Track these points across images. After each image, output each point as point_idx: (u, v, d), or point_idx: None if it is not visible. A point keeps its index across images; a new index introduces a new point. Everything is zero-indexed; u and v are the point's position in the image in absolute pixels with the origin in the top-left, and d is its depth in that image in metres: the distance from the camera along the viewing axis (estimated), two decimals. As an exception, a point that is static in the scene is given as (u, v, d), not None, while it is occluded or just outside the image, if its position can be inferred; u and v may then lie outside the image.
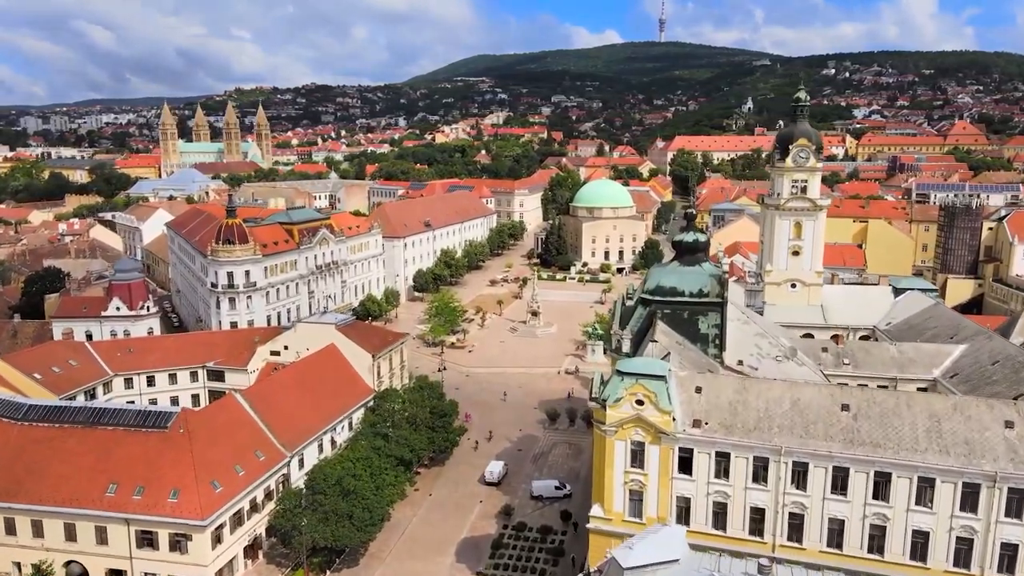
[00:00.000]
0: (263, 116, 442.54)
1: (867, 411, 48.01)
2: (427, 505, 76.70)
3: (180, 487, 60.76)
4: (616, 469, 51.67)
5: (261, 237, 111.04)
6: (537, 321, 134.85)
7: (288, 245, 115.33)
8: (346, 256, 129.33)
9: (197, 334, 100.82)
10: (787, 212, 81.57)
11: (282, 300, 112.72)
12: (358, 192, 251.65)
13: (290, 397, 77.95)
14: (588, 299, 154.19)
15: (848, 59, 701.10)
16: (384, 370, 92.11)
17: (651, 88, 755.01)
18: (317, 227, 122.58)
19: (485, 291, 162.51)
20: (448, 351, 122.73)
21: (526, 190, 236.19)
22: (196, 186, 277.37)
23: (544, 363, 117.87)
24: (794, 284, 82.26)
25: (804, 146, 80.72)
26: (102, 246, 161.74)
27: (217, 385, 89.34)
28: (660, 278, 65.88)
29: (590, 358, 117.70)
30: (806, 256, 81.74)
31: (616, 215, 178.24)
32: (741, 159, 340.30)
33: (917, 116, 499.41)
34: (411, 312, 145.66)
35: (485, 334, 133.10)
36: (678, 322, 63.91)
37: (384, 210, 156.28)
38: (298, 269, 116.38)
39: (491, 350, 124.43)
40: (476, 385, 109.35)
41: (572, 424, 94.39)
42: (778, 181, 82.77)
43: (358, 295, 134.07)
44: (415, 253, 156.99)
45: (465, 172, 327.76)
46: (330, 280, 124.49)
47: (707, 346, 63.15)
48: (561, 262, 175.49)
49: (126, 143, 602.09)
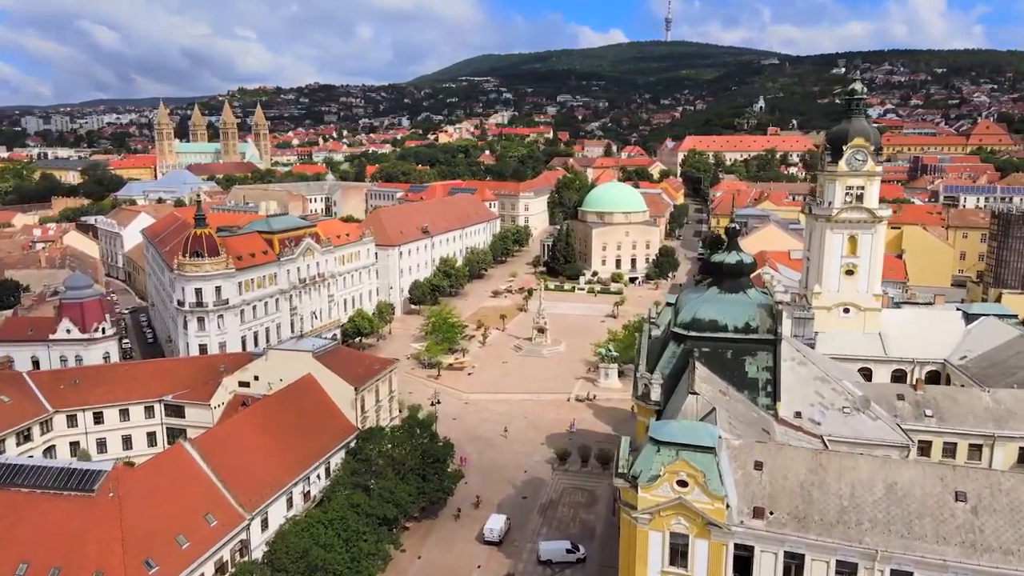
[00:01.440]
0: (261, 116, 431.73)
1: (991, 502, 35.94)
2: (414, 571, 64.79)
3: (104, 568, 48.95)
4: (650, 568, 39.63)
5: (236, 248, 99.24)
6: (544, 338, 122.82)
7: (267, 257, 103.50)
8: (334, 267, 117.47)
9: (156, 362, 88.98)
10: (840, 224, 69.22)
11: (259, 319, 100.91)
12: (355, 195, 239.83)
13: (254, 442, 66.16)
14: (599, 312, 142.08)
15: (858, 57, 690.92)
16: (370, 403, 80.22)
17: (657, 88, 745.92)
18: (301, 236, 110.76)
19: (487, 303, 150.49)
20: (445, 373, 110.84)
21: (531, 192, 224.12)
22: (187, 188, 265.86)
23: (552, 388, 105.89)
24: (847, 309, 70.00)
25: (861, 147, 68.34)
26: (76, 254, 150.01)
27: (176, 422, 77.53)
28: (697, 309, 53.74)
29: (603, 382, 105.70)
30: (862, 276, 69.41)
31: (628, 220, 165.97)
32: (755, 160, 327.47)
33: (933, 115, 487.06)
34: (406, 327, 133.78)
35: (487, 353, 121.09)
36: (720, 363, 51.92)
37: (378, 216, 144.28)
38: (278, 283, 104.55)
39: (493, 372, 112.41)
40: (475, 415, 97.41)
41: (584, 465, 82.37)
42: (829, 187, 70.38)
43: (347, 310, 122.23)
44: (411, 262, 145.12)
45: (468, 173, 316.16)
46: (315, 294, 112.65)
47: (756, 393, 51.07)
48: (569, 271, 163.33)
49: (125, 143, 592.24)
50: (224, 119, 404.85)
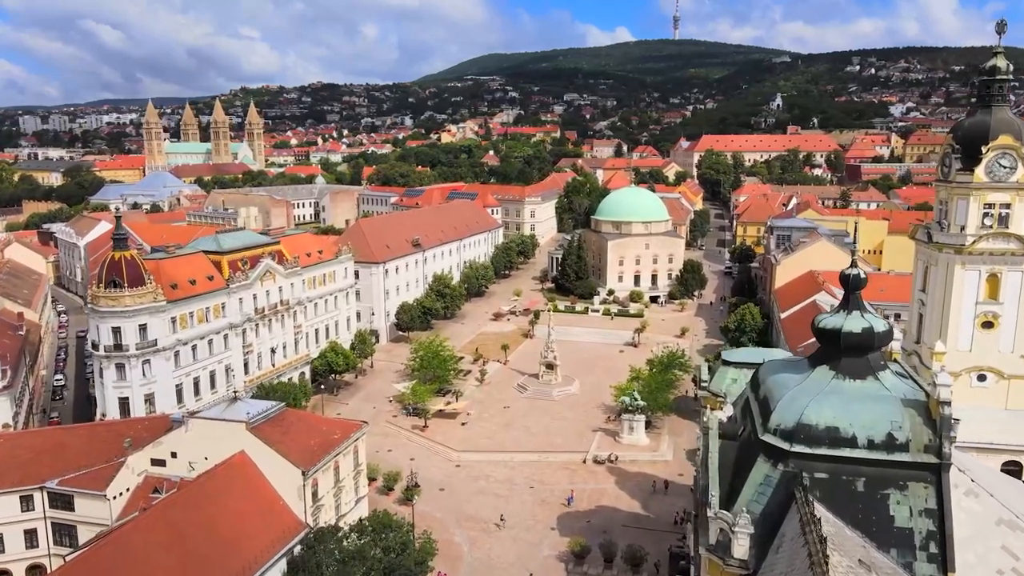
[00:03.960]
0: (255, 114, 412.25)
1: None
2: None
3: None
4: None
5: (171, 274, 79.71)
6: (553, 376, 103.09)
7: (213, 283, 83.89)
8: (302, 292, 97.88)
9: (44, 432, 69.67)
10: (976, 257, 49.16)
11: (201, 360, 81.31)
12: (345, 200, 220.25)
13: (150, 563, 46.76)
14: (616, 340, 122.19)
15: (873, 55, 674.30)
16: (325, 486, 60.67)
17: (666, 86, 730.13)
18: (259, 256, 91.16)
19: (487, 327, 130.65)
20: (434, 421, 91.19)
21: (538, 197, 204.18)
22: (167, 192, 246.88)
23: (564, 443, 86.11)
24: (983, 375, 50.11)
25: (1009, 148, 48.33)
26: (18, 270, 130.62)
27: (65, 516, 57.96)
28: (804, 407, 33.81)
29: (627, 438, 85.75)
30: (1006, 329, 49.49)
31: (649, 231, 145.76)
32: (777, 160, 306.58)
33: (958, 113, 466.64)
34: (392, 358, 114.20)
35: (485, 394, 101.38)
36: (846, 499, 32.15)
37: (360, 228, 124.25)
38: (227, 316, 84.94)
39: (492, 421, 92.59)
40: (468, 483, 77.65)
41: (608, 566, 62.62)
42: (959, 205, 50.05)
43: (320, 342, 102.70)
44: (399, 281, 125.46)
45: (471, 175, 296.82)
46: (277, 327, 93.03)
47: (910, 555, 31.14)
48: (581, 289, 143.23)
49: (121, 143, 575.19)
50: (215, 118, 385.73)
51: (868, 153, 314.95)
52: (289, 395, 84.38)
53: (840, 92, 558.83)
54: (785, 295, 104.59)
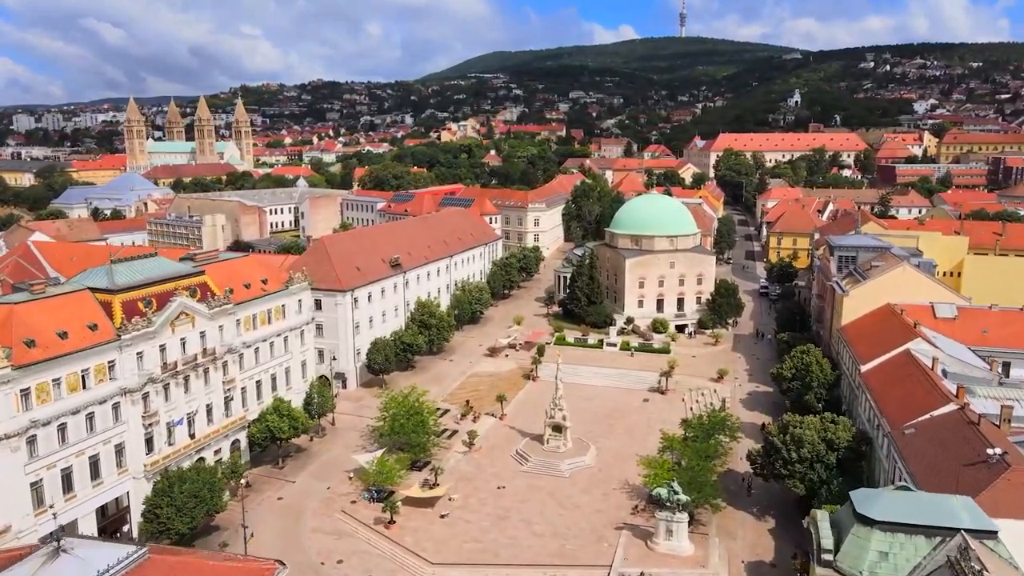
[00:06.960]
0: (243, 112, 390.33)
1: None
2: None
3: None
4: None
5: (29, 325, 56.88)
6: (562, 440, 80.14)
7: (96, 335, 60.96)
8: (234, 337, 74.89)
9: None
10: None
11: (74, 444, 58.40)
12: (327, 205, 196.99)
13: None
14: (639, 384, 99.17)
15: (887, 51, 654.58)
16: None
17: (674, 84, 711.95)
18: (169, 292, 68.16)
19: (481, 366, 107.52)
20: (406, 510, 68.19)
21: (543, 203, 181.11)
22: (134, 196, 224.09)
23: (578, 549, 63.04)
24: None
25: None
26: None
27: None
28: None
29: (663, 543, 62.58)
30: None
31: (674, 246, 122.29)
32: (802, 160, 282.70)
33: (984, 111, 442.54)
34: (361, 408, 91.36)
35: (475, 465, 78.34)
36: None
37: (323, 247, 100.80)
38: (118, 378, 62.01)
39: (482, 511, 69.45)
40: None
41: None
42: None
43: (261, 398, 79.78)
44: (373, 311, 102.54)
45: (471, 176, 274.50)
46: (197, 385, 70.03)
47: None
48: (595, 316, 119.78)
49: (111, 142, 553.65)
50: (199, 115, 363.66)
51: (900, 153, 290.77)
52: (204, 485, 61.77)
53: (856, 90, 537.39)
54: (860, 337, 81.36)
